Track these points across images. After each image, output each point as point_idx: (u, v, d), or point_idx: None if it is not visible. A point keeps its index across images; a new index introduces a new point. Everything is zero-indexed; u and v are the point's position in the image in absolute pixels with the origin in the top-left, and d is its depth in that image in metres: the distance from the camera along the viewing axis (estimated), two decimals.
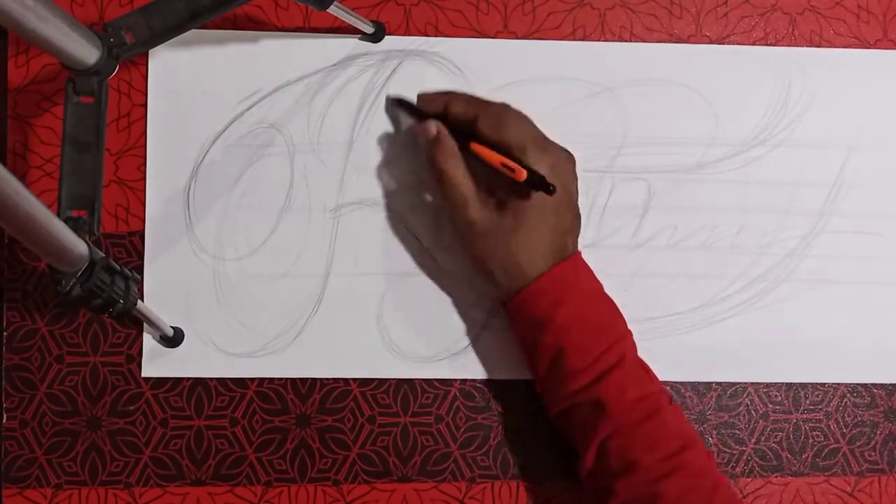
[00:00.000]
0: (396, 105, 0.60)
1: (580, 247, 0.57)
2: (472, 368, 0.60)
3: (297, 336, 0.60)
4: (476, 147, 0.55)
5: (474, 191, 0.55)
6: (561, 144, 0.56)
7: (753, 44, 0.63)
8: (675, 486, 0.51)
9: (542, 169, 0.53)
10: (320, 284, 0.60)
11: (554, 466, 0.60)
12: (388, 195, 0.61)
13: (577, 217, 0.57)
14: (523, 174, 0.52)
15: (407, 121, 0.60)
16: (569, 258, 0.55)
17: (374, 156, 0.61)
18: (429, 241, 0.61)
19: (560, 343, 0.53)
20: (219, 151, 0.60)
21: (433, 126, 0.56)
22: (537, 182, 0.53)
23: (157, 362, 0.59)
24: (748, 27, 0.63)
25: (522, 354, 0.57)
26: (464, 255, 0.58)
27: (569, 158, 0.56)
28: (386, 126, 0.61)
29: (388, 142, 0.61)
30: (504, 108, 0.56)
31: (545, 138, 0.56)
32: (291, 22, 0.61)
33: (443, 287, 0.60)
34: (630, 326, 0.56)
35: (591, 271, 0.57)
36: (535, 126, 0.56)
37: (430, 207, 0.61)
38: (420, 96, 0.58)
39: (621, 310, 0.56)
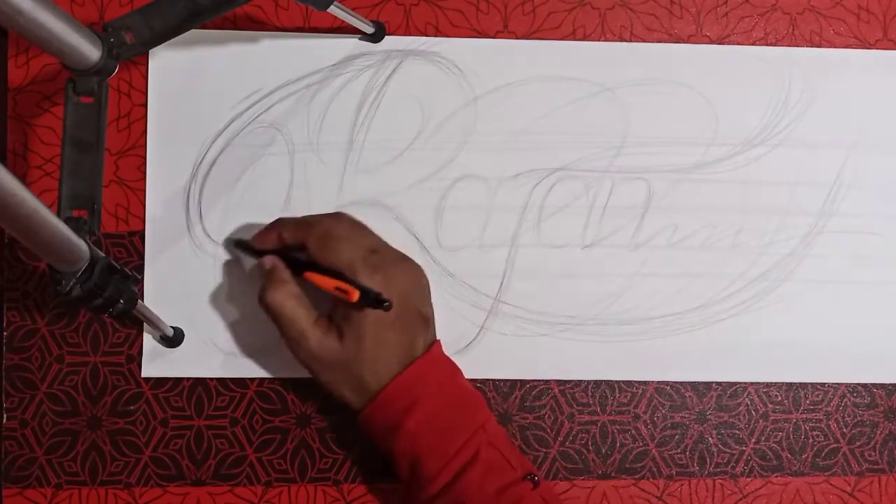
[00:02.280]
0: (236, 247, 0.59)
1: (582, 245, 0.57)
2: (472, 368, 0.60)
3: None
4: (309, 275, 0.53)
5: (311, 322, 0.54)
6: (395, 252, 0.56)
7: (753, 44, 0.63)
8: None
9: (376, 285, 0.52)
10: None
11: (555, 466, 0.60)
12: (388, 195, 0.61)
13: (424, 319, 0.55)
14: (355, 295, 0.51)
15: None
16: (417, 360, 0.54)
17: (374, 156, 0.61)
18: (429, 241, 0.61)
19: (413, 449, 0.52)
20: (219, 151, 0.60)
21: (267, 261, 0.55)
22: (371, 300, 0.51)
23: (157, 362, 0.59)
24: (748, 27, 0.63)
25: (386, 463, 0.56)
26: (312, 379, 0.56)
27: (404, 267, 0.55)
28: (386, 126, 0.61)
29: (388, 142, 0.61)
30: (332, 225, 0.55)
31: (378, 250, 0.55)
32: (291, 22, 0.61)
33: (443, 287, 0.60)
34: (630, 326, 0.56)
35: (445, 365, 0.56)
36: (368, 237, 0.55)
37: (430, 207, 0.61)
38: (255, 237, 0.57)
39: (620, 311, 0.56)
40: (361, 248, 0.54)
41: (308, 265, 0.54)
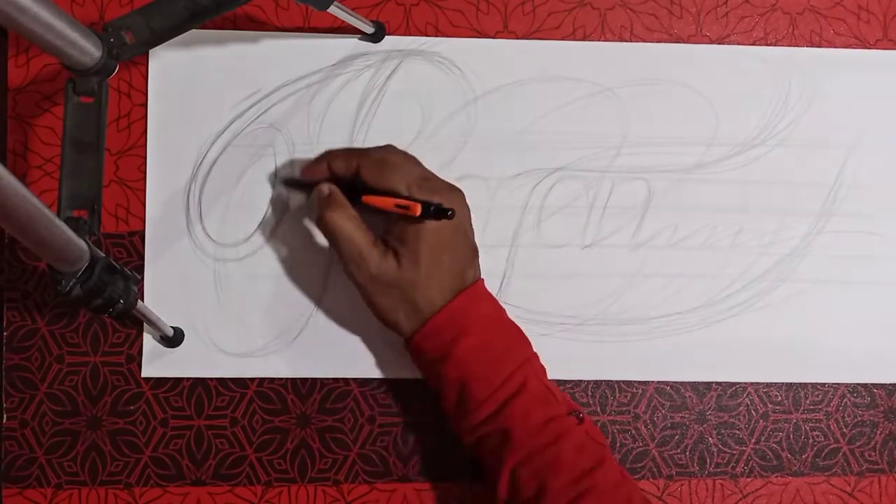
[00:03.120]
0: (289, 185, 0.59)
1: (582, 245, 0.57)
2: None
3: (297, 336, 0.60)
4: (367, 198, 0.54)
5: (371, 244, 0.54)
6: (447, 181, 0.56)
7: (753, 44, 0.63)
8: None
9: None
10: (320, 284, 0.60)
11: None
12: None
13: (474, 249, 0.56)
14: (418, 209, 0.52)
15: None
16: (467, 289, 0.55)
17: None
18: None
19: (462, 375, 0.53)
20: (219, 151, 0.60)
21: (325, 186, 0.55)
22: (434, 211, 0.52)
23: (157, 362, 0.59)
24: (748, 27, 0.63)
25: (431, 392, 0.57)
26: (364, 304, 0.56)
27: (457, 194, 0.56)
28: (386, 126, 0.61)
29: (387, 142, 0.61)
30: (384, 153, 0.55)
31: (430, 178, 0.55)
32: (291, 22, 0.61)
33: None
34: (630, 326, 0.56)
35: (492, 300, 0.56)
36: (419, 166, 0.56)
37: None
38: (303, 169, 0.58)
39: (620, 311, 0.56)
40: (416, 174, 0.55)
41: (361, 191, 0.55)
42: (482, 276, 0.57)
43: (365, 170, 0.55)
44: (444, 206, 0.52)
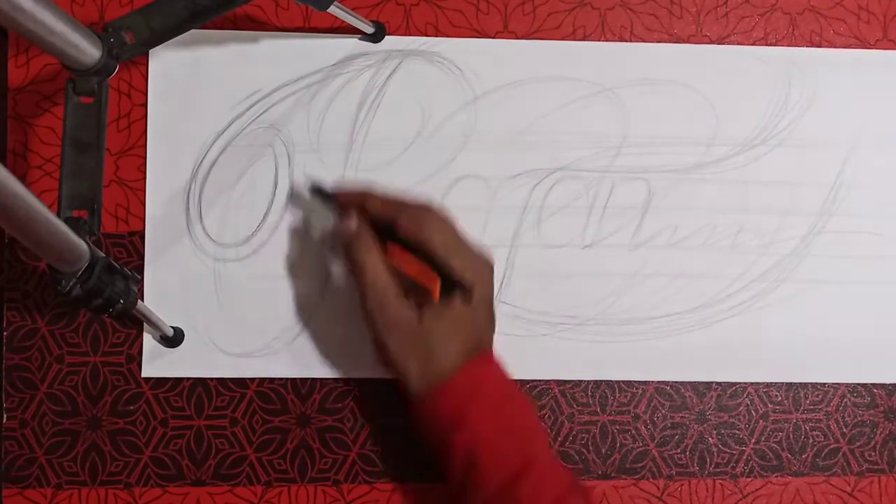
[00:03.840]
0: (315, 193, 0.59)
1: (582, 245, 0.57)
2: None
3: (297, 336, 0.60)
4: (393, 248, 0.54)
5: (394, 288, 0.53)
6: (478, 245, 0.56)
7: (753, 44, 0.63)
8: None
9: (466, 272, 0.53)
10: (320, 284, 0.60)
11: None
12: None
13: (492, 317, 0.56)
14: (436, 297, 0.53)
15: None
16: (482, 356, 0.54)
17: (374, 156, 0.61)
18: None
19: (473, 443, 0.51)
20: (219, 151, 0.60)
21: (353, 221, 0.54)
22: (454, 286, 0.53)
23: (157, 362, 0.59)
24: (748, 27, 0.63)
25: (432, 459, 0.55)
26: (374, 348, 0.56)
27: (485, 260, 0.56)
28: (386, 126, 0.61)
29: (388, 142, 0.61)
30: (425, 208, 0.55)
31: (463, 240, 0.55)
32: (291, 22, 0.61)
33: None
34: (630, 326, 0.56)
35: (503, 369, 0.55)
36: (454, 226, 0.55)
37: None
38: (338, 190, 0.57)
39: (620, 311, 0.56)
40: (452, 234, 0.54)
41: (389, 236, 0.54)
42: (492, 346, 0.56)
43: (402, 222, 0.54)
44: (467, 278, 0.52)
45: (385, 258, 0.54)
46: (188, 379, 0.59)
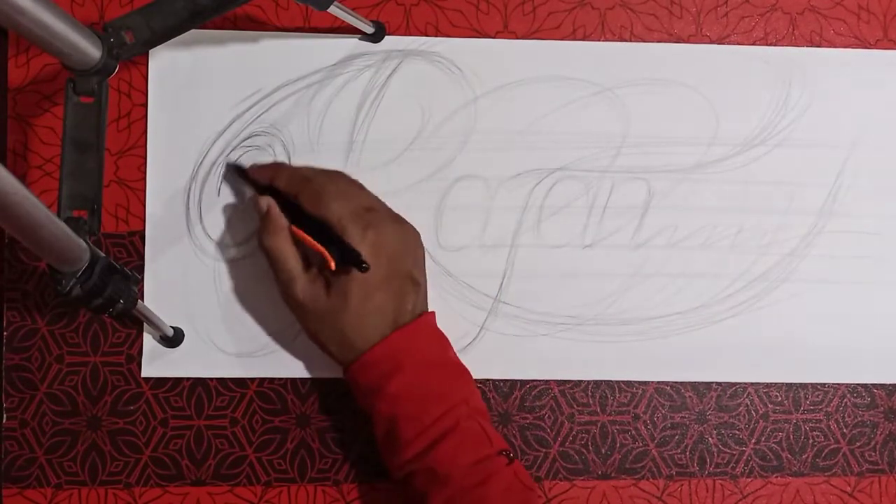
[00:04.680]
0: (235, 173, 0.59)
1: (582, 245, 0.57)
2: (472, 368, 0.60)
3: (298, 336, 0.60)
4: (294, 229, 0.54)
5: (301, 270, 0.54)
6: (395, 216, 0.56)
7: (753, 44, 0.63)
8: None
9: (363, 245, 0.53)
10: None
11: (555, 466, 0.60)
12: (388, 195, 0.60)
13: (415, 283, 0.55)
14: (332, 264, 0.52)
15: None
16: (406, 325, 0.54)
17: (374, 156, 0.61)
18: (429, 241, 0.60)
19: (392, 412, 0.53)
20: (219, 151, 0.60)
21: (264, 202, 0.55)
22: (350, 259, 0.52)
23: (157, 362, 0.59)
24: (748, 27, 0.63)
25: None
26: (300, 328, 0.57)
27: (399, 227, 0.56)
28: (386, 126, 0.61)
29: (388, 142, 0.61)
30: (325, 183, 0.55)
31: (373, 209, 0.55)
32: (291, 22, 0.61)
33: (443, 287, 0.60)
34: (630, 326, 0.56)
35: (435, 336, 0.56)
36: (361, 196, 0.55)
37: (431, 207, 0.61)
38: (250, 168, 0.58)
39: (623, 310, 0.56)
40: (355, 206, 0.55)
41: (299, 213, 0.55)
42: (430, 309, 0.57)
43: (303, 197, 0.54)
44: (361, 256, 0.52)
45: (293, 235, 0.54)
46: (188, 379, 0.59)
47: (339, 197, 0.54)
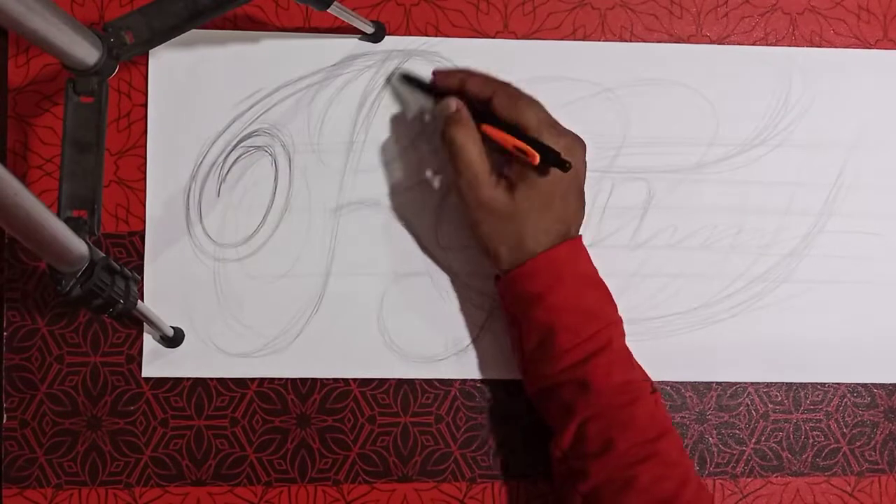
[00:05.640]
0: (408, 82, 0.59)
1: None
2: (472, 368, 0.60)
3: (297, 336, 0.60)
4: (489, 129, 0.55)
5: (488, 170, 0.55)
6: (570, 130, 0.56)
7: (753, 44, 0.63)
8: (649, 472, 0.52)
9: (559, 149, 0.53)
10: (320, 284, 0.60)
11: None
12: (388, 195, 0.61)
13: (583, 204, 0.57)
14: (537, 158, 0.53)
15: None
16: (570, 241, 0.55)
17: (374, 156, 0.61)
18: (429, 241, 0.61)
19: (551, 321, 0.54)
20: (219, 151, 0.60)
21: (453, 102, 0.56)
22: (552, 159, 0.53)
23: (157, 362, 0.59)
24: (748, 27, 0.63)
25: (509, 330, 0.58)
26: (468, 230, 0.57)
27: (580, 145, 0.56)
28: (386, 126, 0.61)
29: (388, 142, 0.61)
30: (520, 90, 0.56)
31: (558, 123, 0.56)
32: (291, 22, 0.61)
33: (443, 287, 0.60)
34: (630, 326, 0.57)
35: (588, 257, 0.57)
36: (547, 112, 0.56)
37: (431, 207, 0.61)
38: (436, 72, 0.58)
39: (622, 311, 0.56)
40: (547, 116, 0.55)
41: (487, 119, 0.55)
42: (581, 234, 0.57)
43: (498, 100, 0.55)
44: (564, 157, 0.53)
45: (480, 137, 0.55)
46: (188, 379, 0.59)
47: (534, 104, 0.55)
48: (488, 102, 0.55)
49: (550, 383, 0.54)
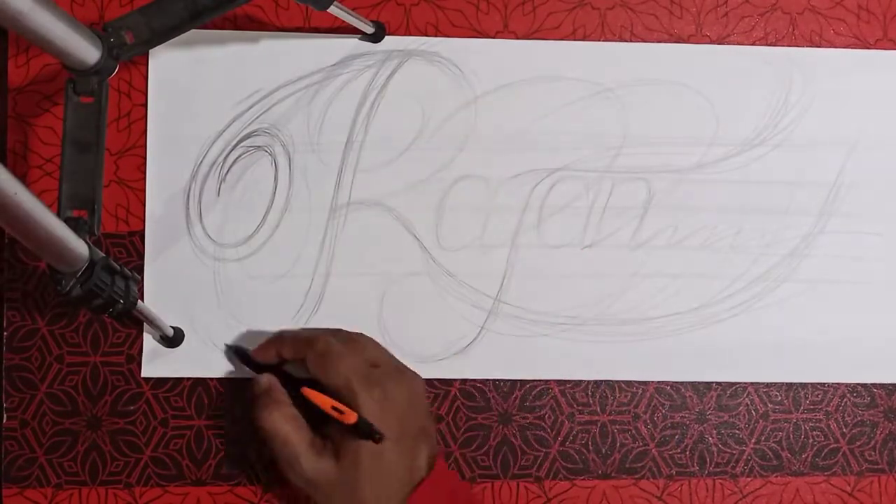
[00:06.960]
0: (235, 355, 0.58)
1: (582, 245, 0.57)
2: (472, 368, 0.60)
3: None
4: (307, 391, 0.53)
5: (306, 443, 0.52)
6: (402, 368, 0.55)
7: (753, 44, 0.63)
8: None
9: (372, 408, 0.51)
10: (320, 284, 0.60)
11: (555, 466, 0.60)
12: (388, 195, 0.61)
13: (425, 433, 0.54)
14: (353, 417, 0.51)
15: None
16: (424, 481, 0.53)
17: (374, 156, 0.61)
18: (429, 241, 0.61)
19: None
20: (219, 151, 0.60)
21: (263, 380, 0.55)
22: (363, 432, 0.50)
23: (157, 362, 0.59)
24: (748, 27, 0.63)
25: None
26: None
27: (403, 379, 0.55)
28: (386, 126, 0.61)
29: (388, 142, 0.61)
30: (329, 343, 0.53)
31: (380, 363, 0.54)
32: (291, 22, 0.61)
33: (443, 287, 0.60)
34: (630, 327, 0.56)
35: (448, 480, 0.55)
36: (365, 349, 0.55)
37: (431, 207, 0.61)
38: (254, 351, 0.57)
39: (622, 311, 0.56)
40: (360, 364, 0.53)
41: (307, 380, 0.54)
42: (439, 446, 0.56)
43: (309, 360, 0.53)
44: (374, 427, 0.50)
45: (293, 413, 0.53)
46: (188, 379, 0.59)
47: (344, 357, 0.53)
48: (305, 365, 0.54)
49: None
